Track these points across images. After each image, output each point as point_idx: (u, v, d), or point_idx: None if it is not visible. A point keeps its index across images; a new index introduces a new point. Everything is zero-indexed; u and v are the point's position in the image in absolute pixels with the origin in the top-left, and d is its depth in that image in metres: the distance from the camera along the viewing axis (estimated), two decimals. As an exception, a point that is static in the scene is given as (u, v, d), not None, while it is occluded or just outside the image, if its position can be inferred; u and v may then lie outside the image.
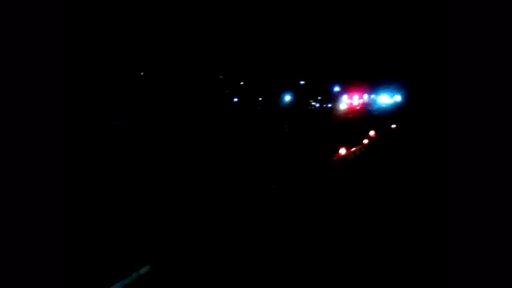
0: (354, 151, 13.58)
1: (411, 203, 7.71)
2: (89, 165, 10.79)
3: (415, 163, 12.53)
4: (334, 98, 57.17)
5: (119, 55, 32.84)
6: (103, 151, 13.59)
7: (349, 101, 55.09)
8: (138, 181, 9.00)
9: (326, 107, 61.61)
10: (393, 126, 25.17)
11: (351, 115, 43.95)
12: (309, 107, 64.80)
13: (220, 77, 50.35)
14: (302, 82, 60.77)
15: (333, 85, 56.83)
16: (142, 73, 37.95)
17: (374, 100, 55.21)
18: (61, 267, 2.70)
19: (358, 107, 53.50)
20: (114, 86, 31.01)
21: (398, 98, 49.87)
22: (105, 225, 5.88)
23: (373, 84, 52.26)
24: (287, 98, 57.74)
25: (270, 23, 46.70)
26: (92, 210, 6.62)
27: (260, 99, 57.65)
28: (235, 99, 53.40)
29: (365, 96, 55.78)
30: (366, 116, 40.63)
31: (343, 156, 12.42)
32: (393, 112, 41.80)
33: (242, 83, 54.83)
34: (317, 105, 67.85)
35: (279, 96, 56.68)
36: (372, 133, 17.81)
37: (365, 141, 15.76)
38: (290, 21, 47.37)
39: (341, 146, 12.91)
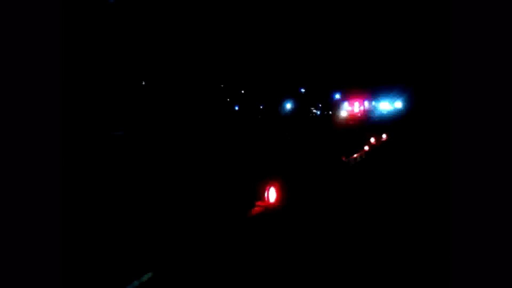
0: (355, 158, 13.59)
1: (414, 206, 7.73)
2: (90, 173, 10.81)
3: (416, 166, 12.62)
4: (335, 105, 57.36)
5: (120, 64, 33.05)
6: (104, 160, 13.61)
7: (350, 108, 55.16)
8: (144, 189, 9.00)
9: (327, 114, 61.86)
10: (393, 132, 25.16)
11: (352, 122, 44.13)
12: (310, 115, 65.11)
13: (221, 85, 50.64)
14: (302, 90, 61.17)
15: (333, 92, 57.10)
16: (143, 83, 38.19)
17: (375, 107, 55.25)
18: (61, 275, 2.69)
19: (359, 114, 53.58)
20: (114, 95, 31.18)
21: (399, 104, 49.89)
22: (106, 231, 5.88)
23: (374, 91, 52.39)
24: (288, 106, 58.07)
25: (270, 31, 47.01)
26: (92, 217, 6.62)
27: (261, 107, 58.01)
28: (237, 108, 53.68)
29: (366, 103, 55.85)
30: (367, 123, 40.77)
31: (345, 161, 12.44)
32: (394, 119, 41.89)
33: (243, 91, 55.14)
34: (318, 112, 68.22)
35: (280, 104, 57.03)
36: (372, 140, 17.82)
37: (366, 147, 15.77)
38: (290, 29, 47.66)
39: (342, 153, 13.02)
